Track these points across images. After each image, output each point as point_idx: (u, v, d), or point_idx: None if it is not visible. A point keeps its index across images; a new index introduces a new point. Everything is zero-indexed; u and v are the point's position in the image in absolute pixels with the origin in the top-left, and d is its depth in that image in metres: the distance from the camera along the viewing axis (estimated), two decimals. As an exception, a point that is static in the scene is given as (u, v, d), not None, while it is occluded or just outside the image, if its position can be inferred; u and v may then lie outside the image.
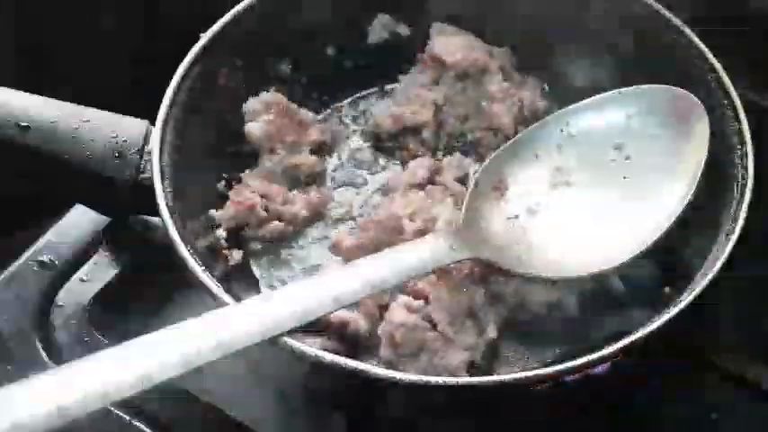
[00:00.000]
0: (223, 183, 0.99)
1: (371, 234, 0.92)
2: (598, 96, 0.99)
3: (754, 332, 0.98)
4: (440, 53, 1.08)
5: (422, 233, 0.92)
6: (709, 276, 0.81)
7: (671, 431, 0.93)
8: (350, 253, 0.93)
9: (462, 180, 1.02)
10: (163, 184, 0.87)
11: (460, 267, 0.90)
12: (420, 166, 1.01)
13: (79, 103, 0.94)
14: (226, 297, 0.79)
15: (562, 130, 0.99)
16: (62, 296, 0.99)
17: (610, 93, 0.99)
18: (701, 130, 0.92)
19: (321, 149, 1.06)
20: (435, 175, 1.01)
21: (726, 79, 0.94)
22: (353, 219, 1.01)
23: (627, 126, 0.97)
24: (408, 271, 0.82)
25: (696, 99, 0.93)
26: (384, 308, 0.87)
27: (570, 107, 1.00)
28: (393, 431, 0.91)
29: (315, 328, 0.83)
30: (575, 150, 0.98)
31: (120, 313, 0.98)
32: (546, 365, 0.81)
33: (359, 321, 0.87)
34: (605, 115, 0.98)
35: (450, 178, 1.01)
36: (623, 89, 0.98)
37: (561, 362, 0.77)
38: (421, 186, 0.99)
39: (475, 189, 0.96)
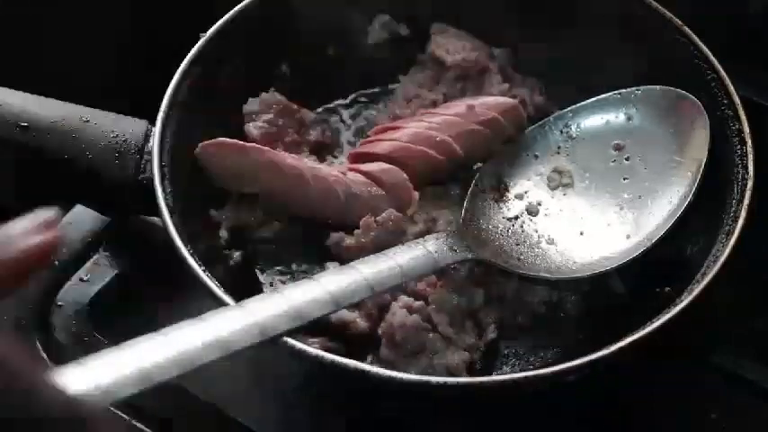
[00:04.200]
0: (223, 182, 0.99)
1: (372, 235, 0.92)
2: (598, 97, 0.99)
3: (753, 332, 0.98)
4: (440, 53, 1.08)
5: (423, 234, 0.92)
6: (709, 276, 0.81)
7: (671, 431, 0.93)
8: (350, 253, 0.93)
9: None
10: (163, 184, 0.87)
11: (460, 268, 0.90)
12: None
13: (79, 103, 0.94)
14: (226, 297, 0.79)
15: (562, 131, 1.00)
16: (62, 296, 0.99)
17: (610, 94, 0.99)
18: (701, 130, 0.92)
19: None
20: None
21: (726, 79, 0.94)
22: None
23: (627, 127, 0.97)
24: (408, 272, 0.82)
25: (696, 99, 0.93)
26: (384, 308, 0.87)
27: (570, 108, 1.00)
28: (393, 431, 0.91)
29: (315, 328, 0.84)
30: (575, 151, 0.99)
31: (120, 313, 0.98)
32: (546, 365, 0.81)
33: (359, 322, 0.87)
34: (605, 116, 0.99)
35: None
36: (623, 90, 0.98)
37: (561, 362, 0.77)
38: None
39: (474, 189, 0.96)
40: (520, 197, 0.97)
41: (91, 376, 0.63)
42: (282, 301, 0.75)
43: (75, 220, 1.04)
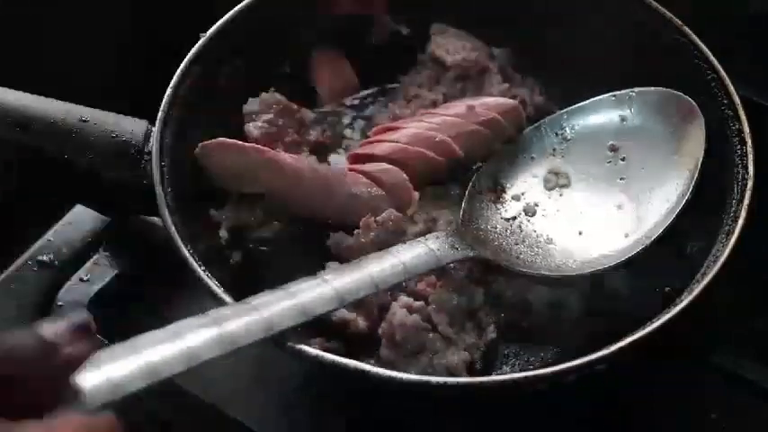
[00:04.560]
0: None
1: (372, 235, 0.92)
2: (593, 99, 1.00)
3: (754, 332, 0.98)
4: (440, 54, 1.08)
5: (423, 234, 0.92)
6: (710, 276, 0.81)
7: (671, 431, 0.93)
8: (350, 253, 0.92)
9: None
10: (163, 184, 0.87)
11: (460, 267, 0.90)
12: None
13: (79, 103, 0.94)
14: (226, 297, 0.79)
15: (557, 133, 1.00)
16: (62, 296, 0.99)
17: (605, 95, 0.99)
18: (697, 129, 0.92)
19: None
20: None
21: (726, 79, 0.94)
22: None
23: (622, 128, 0.98)
24: (411, 270, 0.82)
25: (690, 99, 0.93)
26: (384, 308, 0.87)
27: (565, 110, 1.01)
28: (393, 431, 0.91)
29: (315, 328, 0.84)
30: (570, 153, 0.99)
31: (120, 313, 0.98)
32: (546, 365, 0.81)
33: (359, 321, 0.87)
34: (600, 117, 0.99)
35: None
36: (618, 92, 0.98)
37: (561, 362, 0.77)
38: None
39: (472, 191, 0.96)
40: (517, 198, 0.97)
41: (102, 370, 0.63)
42: (287, 298, 0.75)
43: (75, 220, 1.04)
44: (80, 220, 1.04)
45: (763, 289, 1.00)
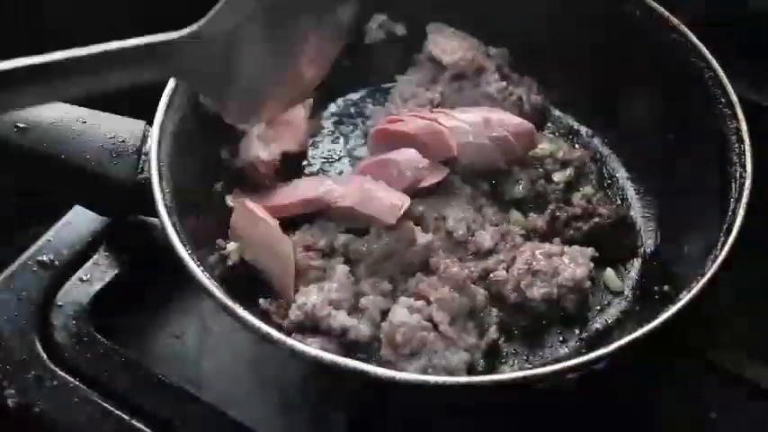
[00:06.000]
0: (221, 183, 0.99)
1: (382, 242, 0.91)
2: None
3: (753, 332, 0.98)
4: (437, 53, 1.07)
5: (432, 246, 0.93)
6: (709, 276, 0.81)
7: (671, 431, 0.93)
8: (359, 255, 0.92)
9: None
10: (161, 184, 0.87)
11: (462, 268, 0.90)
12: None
13: (78, 105, 0.94)
14: (224, 297, 0.79)
15: None
16: (62, 296, 0.99)
17: None
18: None
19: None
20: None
21: (725, 79, 0.94)
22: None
23: None
24: None
25: None
26: (386, 312, 0.87)
27: None
28: (393, 431, 0.91)
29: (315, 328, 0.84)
30: None
31: (120, 313, 0.98)
32: (546, 365, 0.81)
33: (360, 328, 0.87)
34: None
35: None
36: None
37: (561, 362, 0.77)
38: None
39: None
40: None
41: None
42: None
43: (75, 220, 1.04)
44: (80, 220, 1.04)
45: (762, 289, 1.00)
